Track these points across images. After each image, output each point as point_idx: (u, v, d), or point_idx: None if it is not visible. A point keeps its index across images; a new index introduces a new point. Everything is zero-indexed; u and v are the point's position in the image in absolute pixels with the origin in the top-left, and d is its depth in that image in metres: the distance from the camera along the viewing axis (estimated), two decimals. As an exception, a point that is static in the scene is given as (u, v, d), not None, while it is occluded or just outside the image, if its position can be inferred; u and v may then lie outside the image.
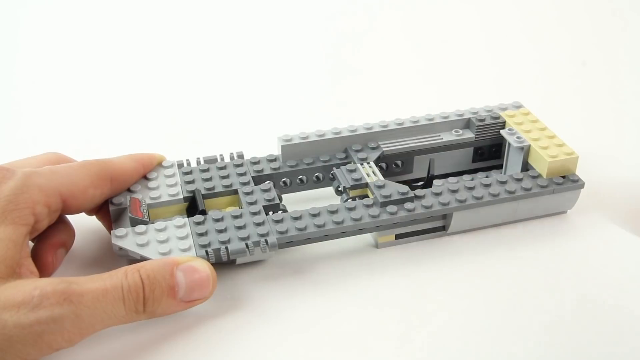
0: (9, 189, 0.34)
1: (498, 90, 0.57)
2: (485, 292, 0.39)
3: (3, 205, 0.34)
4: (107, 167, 0.40)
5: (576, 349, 0.35)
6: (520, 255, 0.41)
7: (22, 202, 0.34)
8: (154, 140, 0.54)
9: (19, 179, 0.35)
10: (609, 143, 0.53)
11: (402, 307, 0.38)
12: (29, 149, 0.43)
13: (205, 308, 0.38)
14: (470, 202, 0.41)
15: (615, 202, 0.46)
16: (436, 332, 0.36)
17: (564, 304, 0.38)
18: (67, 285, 0.32)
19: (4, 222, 0.33)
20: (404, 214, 0.40)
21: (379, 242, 0.42)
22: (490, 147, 0.48)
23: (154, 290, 0.34)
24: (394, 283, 0.40)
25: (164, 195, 0.42)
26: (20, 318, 0.30)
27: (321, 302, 0.38)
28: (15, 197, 0.34)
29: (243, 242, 0.38)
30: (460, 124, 0.47)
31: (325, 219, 0.40)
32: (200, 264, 0.36)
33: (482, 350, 0.35)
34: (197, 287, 0.36)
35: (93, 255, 0.42)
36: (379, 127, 0.46)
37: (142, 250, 0.37)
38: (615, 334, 0.36)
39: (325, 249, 0.42)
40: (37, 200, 0.35)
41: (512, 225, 0.44)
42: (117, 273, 0.34)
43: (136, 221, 0.39)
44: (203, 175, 0.43)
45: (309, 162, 0.45)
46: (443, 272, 0.40)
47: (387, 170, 0.46)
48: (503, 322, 0.37)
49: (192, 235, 0.38)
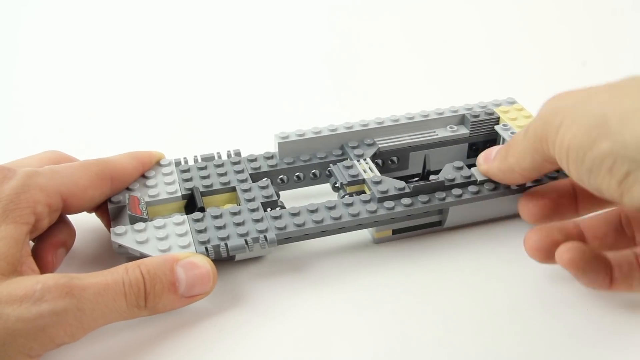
0: (10, 189, 0.35)
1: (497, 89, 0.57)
2: (481, 287, 0.39)
3: (4, 205, 0.34)
4: (107, 166, 0.40)
5: (575, 345, 0.36)
6: (517, 249, 0.42)
7: (24, 201, 0.35)
8: (152, 139, 0.54)
9: (20, 179, 0.35)
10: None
11: (399, 302, 0.38)
12: (28, 148, 0.43)
13: (205, 305, 0.38)
14: (466, 197, 0.41)
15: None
16: (433, 328, 0.37)
17: (562, 299, 0.38)
18: (69, 279, 0.32)
19: (6, 220, 0.34)
20: (401, 209, 0.40)
21: (376, 238, 0.42)
22: (484, 143, 0.48)
23: (155, 285, 0.34)
24: (392, 278, 0.40)
25: (162, 193, 0.42)
26: (22, 312, 0.30)
27: (319, 298, 0.39)
28: (16, 196, 0.35)
29: (242, 238, 0.38)
30: (454, 120, 0.48)
31: (323, 214, 0.40)
32: (200, 259, 0.37)
33: (479, 345, 0.35)
34: (198, 283, 0.36)
35: (93, 254, 0.42)
36: (375, 123, 0.47)
37: (141, 248, 0.38)
38: (612, 331, 0.36)
39: (323, 245, 0.42)
40: (38, 200, 0.35)
41: (507, 219, 0.44)
42: (117, 269, 0.34)
43: (135, 219, 0.39)
44: (201, 173, 0.44)
45: (306, 159, 0.45)
46: (440, 267, 0.41)
47: (383, 166, 0.47)
48: (500, 318, 0.37)
49: (192, 232, 0.39)
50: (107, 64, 0.68)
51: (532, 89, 0.60)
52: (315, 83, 0.49)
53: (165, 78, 0.65)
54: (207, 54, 0.69)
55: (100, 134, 0.56)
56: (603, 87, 0.33)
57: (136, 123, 0.58)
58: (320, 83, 0.46)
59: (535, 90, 0.60)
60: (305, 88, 0.62)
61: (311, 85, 0.50)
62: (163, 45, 0.72)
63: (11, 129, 0.57)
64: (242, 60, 0.68)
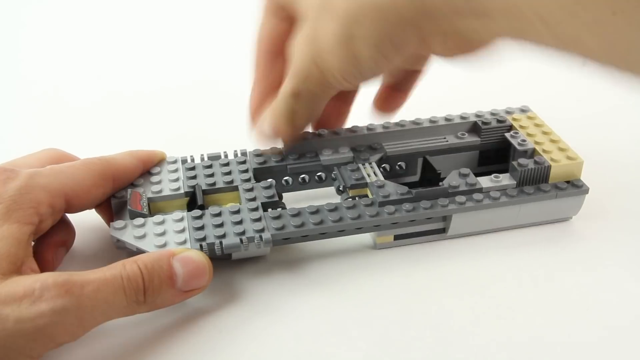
0: (13, 189, 0.35)
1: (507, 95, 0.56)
2: (483, 298, 0.38)
3: (8, 205, 0.34)
4: (109, 165, 0.40)
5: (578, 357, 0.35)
6: (521, 261, 0.41)
7: (27, 202, 0.35)
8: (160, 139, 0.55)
9: (23, 180, 0.36)
10: (618, 148, 0.52)
11: (399, 309, 0.38)
12: (29, 148, 0.43)
13: (204, 304, 0.38)
14: (469, 204, 0.41)
15: (622, 209, 0.45)
16: (434, 335, 0.36)
17: (565, 312, 0.37)
18: (68, 277, 0.32)
19: (9, 220, 0.34)
20: (402, 214, 0.40)
21: (377, 243, 0.42)
22: (496, 151, 0.47)
23: (153, 279, 0.35)
24: (392, 284, 0.39)
25: (165, 190, 0.42)
26: (21, 312, 0.30)
27: (318, 299, 0.38)
28: (20, 197, 0.35)
29: (238, 237, 0.38)
30: (465, 127, 0.47)
31: (323, 216, 0.40)
32: (196, 254, 0.37)
33: (479, 354, 0.35)
34: (195, 277, 0.36)
35: (93, 252, 0.42)
36: (381, 128, 0.46)
37: (138, 243, 0.38)
38: (618, 341, 0.35)
39: (323, 248, 0.42)
40: (41, 201, 0.36)
41: (513, 231, 0.43)
42: (115, 265, 0.34)
43: (135, 214, 0.40)
44: (205, 171, 0.44)
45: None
46: (441, 276, 0.40)
47: (391, 171, 0.46)
48: (501, 328, 0.36)
49: (189, 229, 0.39)
50: (115, 61, 0.68)
51: (542, 94, 0.58)
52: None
53: (175, 78, 0.65)
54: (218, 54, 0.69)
55: (107, 132, 0.56)
56: None
57: (146, 124, 0.58)
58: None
59: (546, 94, 0.59)
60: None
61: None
62: (171, 42, 0.72)
63: (11, 128, 0.58)
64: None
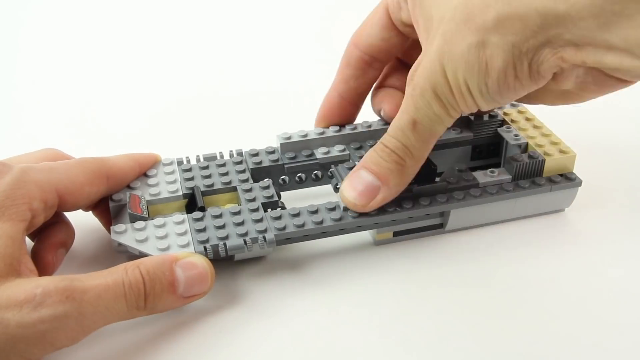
0: (5, 184, 0.35)
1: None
2: (482, 291, 0.39)
3: (0, 201, 0.34)
4: (103, 165, 0.40)
5: (573, 347, 0.35)
6: (518, 253, 0.42)
7: (19, 197, 0.34)
8: (155, 139, 0.55)
9: (15, 174, 0.35)
10: (608, 141, 0.53)
11: (399, 305, 0.38)
12: (28, 147, 0.43)
13: (204, 305, 0.38)
14: (467, 200, 0.41)
15: (613, 200, 0.46)
16: (434, 331, 0.36)
17: (562, 303, 0.38)
18: (69, 282, 0.32)
19: (2, 218, 0.33)
20: (402, 211, 0.40)
21: (376, 240, 0.42)
22: (488, 146, 0.48)
23: (155, 286, 0.34)
24: (392, 280, 0.40)
25: (163, 192, 0.42)
26: (23, 317, 0.30)
27: (319, 298, 0.39)
28: (12, 192, 0.34)
29: (241, 238, 0.38)
30: (458, 122, 0.47)
31: (323, 215, 0.40)
32: (198, 259, 0.36)
33: (480, 348, 0.35)
34: (196, 283, 0.36)
35: (93, 254, 0.42)
36: (378, 124, 0.46)
37: (140, 246, 0.38)
38: (614, 333, 0.36)
39: (324, 247, 0.42)
40: (34, 196, 0.35)
41: (509, 223, 0.44)
42: (116, 269, 0.34)
43: (135, 217, 0.39)
44: (202, 172, 0.44)
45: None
46: (440, 270, 0.40)
47: (386, 168, 0.47)
48: (500, 321, 0.37)
49: (191, 232, 0.39)
50: (110, 62, 0.68)
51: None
52: (319, 84, 0.49)
53: (169, 78, 0.65)
54: (212, 54, 0.70)
55: (101, 133, 0.56)
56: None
57: (141, 124, 0.58)
58: (324, 84, 0.46)
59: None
60: (309, 89, 0.61)
61: (315, 86, 0.50)
62: (166, 44, 0.72)
63: (11, 129, 0.57)
64: (247, 60, 0.68)
